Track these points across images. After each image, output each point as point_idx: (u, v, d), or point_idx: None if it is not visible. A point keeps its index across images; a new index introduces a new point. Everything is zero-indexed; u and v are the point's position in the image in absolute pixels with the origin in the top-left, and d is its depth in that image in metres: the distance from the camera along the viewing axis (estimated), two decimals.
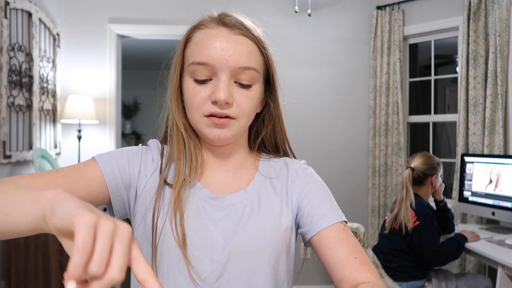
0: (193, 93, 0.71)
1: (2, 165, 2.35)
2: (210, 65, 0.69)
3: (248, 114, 0.73)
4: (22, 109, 2.55)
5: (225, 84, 0.68)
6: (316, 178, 0.81)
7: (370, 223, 3.28)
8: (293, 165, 0.82)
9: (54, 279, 2.32)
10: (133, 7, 3.24)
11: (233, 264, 0.70)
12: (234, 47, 0.69)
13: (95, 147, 3.21)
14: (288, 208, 0.76)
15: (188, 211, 0.72)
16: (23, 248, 2.31)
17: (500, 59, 2.56)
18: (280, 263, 0.74)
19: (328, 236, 0.71)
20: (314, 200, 0.76)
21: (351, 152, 3.39)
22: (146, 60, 5.94)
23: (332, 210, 0.74)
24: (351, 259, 0.69)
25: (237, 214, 0.73)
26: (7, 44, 2.35)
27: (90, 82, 3.20)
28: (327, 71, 3.38)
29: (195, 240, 0.70)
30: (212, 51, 0.68)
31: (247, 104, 0.71)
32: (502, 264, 1.92)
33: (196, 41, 0.71)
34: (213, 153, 0.79)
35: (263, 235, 0.72)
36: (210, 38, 0.70)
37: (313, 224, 0.73)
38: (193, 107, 0.71)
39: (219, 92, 0.68)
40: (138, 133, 6.92)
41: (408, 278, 2.11)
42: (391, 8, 3.25)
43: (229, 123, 0.71)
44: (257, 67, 0.72)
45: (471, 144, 2.74)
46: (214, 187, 0.76)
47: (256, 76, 0.72)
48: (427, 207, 2.13)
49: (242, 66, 0.69)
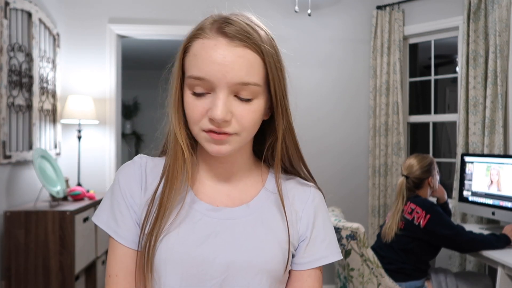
0: (191, 106, 0.67)
1: (2, 165, 2.35)
2: (207, 80, 0.65)
3: (250, 128, 0.69)
4: (22, 109, 2.55)
5: (223, 102, 0.64)
6: (324, 208, 0.79)
7: (370, 223, 3.28)
8: (304, 189, 0.79)
9: (54, 279, 2.32)
10: (133, 7, 3.24)
11: (231, 281, 0.68)
12: (232, 62, 0.64)
13: (95, 147, 3.21)
14: (292, 231, 0.74)
15: (186, 225, 0.70)
16: (23, 248, 2.31)
17: (500, 59, 2.56)
18: (278, 286, 0.72)
19: (306, 279, 0.74)
20: (317, 235, 0.76)
21: (351, 152, 3.39)
22: (146, 60, 5.94)
23: (328, 250, 0.76)
24: None
25: (237, 229, 0.71)
26: (7, 44, 2.35)
27: (90, 82, 3.20)
28: (327, 71, 3.38)
29: (194, 255, 0.68)
30: (209, 66, 0.64)
31: (248, 119, 0.67)
32: (502, 264, 1.92)
33: (193, 53, 0.67)
34: (215, 165, 0.76)
35: (264, 253, 0.70)
36: (208, 50, 0.65)
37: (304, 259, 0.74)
38: (191, 121, 0.68)
39: (216, 111, 0.64)
40: (138, 133, 6.92)
41: (407, 279, 2.11)
42: (391, 8, 3.25)
43: (229, 138, 0.67)
44: (259, 81, 0.67)
45: (471, 144, 2.74)
46: (215, 200, 0.74)
47: (259, 91, 0.67)
48: (429, 200, 2.13)
49: (241, 82, 0.65)
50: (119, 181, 0.74)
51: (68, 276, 2.33)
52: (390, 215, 2.19)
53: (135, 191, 0.74)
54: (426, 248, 2.11)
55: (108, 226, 0.72)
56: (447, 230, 2.01)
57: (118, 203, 0.73)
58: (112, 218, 0.73)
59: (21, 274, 2.31)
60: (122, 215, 0.72)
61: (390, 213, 2.21)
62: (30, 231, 2.32)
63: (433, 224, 2.01)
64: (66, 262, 2.34)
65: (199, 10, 0.76)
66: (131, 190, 0.73)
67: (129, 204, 0.73)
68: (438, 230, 2.01)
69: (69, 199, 2.70)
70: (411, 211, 2.10)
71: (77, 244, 2.39)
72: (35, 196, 2.64)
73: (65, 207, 2.41)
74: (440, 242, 2.08)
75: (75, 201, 2.66)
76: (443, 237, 2.02)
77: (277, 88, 0.69)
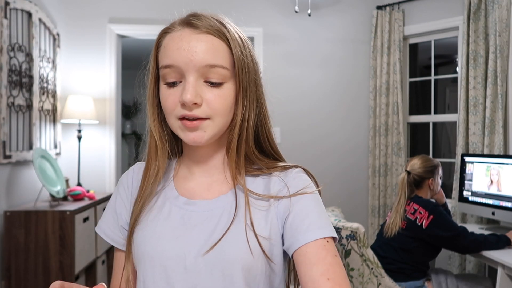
0: (165, 97, 0.70)
1: (2, 165, 2.35)
2: (175, 66, 0.68)
3: (222, 113, 0.70)
4: (22, 109, 2.55)
5: (192, 85, 0.67)
6: (309, 186, 0.74)
7: (370, 223, 3.28)
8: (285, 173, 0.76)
9: (54, 279, 2.32)
10: (133, 7, 3.24)
11: (206, 275, 0.67)
12: (198, 46, 0.67)
13: (95, 147, 3.21)
14: (273, 218, 0.71)
15: (162, 219, 0.73)
16: (23, 248, 2.31)
17: (500, 59, 2.56)
18: (257, 279, 0.69)
19: (305, 252, 0.66)
20: (302, 211, 0.70)
21: (351, 152, 3.39)
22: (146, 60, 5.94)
23: (317, 224, 0.68)
24: (322, 280, 0.63)
25: (213, 221, 0.71)
26: (7, 44, 2.35)
27: (90, 82, 3.20)
28: (327, 71, 3.38)
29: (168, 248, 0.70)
30: (176, 53, 0.68)
31: (219, 103, 0.69)
32: (502, 264, 1.92)
33: (163, 46, 0.71)
34: (195, 158, 0.78)
35: (236, 245, 0.68)
36: (175, 40, 0.69)
37: (295, 239, 0.68)
38: (167, 111, 0.71)
39: (186, 94, 0.66)
40: (138, 133, 6.91)
41: (407, 279, 2.11)
42: (391, 8, 3.25)
43: (202, 125, 0.69)
44: (226, 64, 0.69)
45: (471, 144, 2.74)
46: (194, 193, 0.75)
47: (227, 74, 0.69)
48: (431, 201, 2.13)
49: (208, 64, 0.67)
50: (118, 190, 0.82)
51: (68, 276, 2.33)
52: (393, 211, 2.19)
53: (124, 198, 0.81)
54: (426, 249, 2.11)
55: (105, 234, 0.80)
56: (449, 231, 2.01)
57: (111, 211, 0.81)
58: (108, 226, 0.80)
59: (21, 274, 2.31)
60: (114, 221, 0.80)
61: (392, 210, 2.21)
62: (30, 231, 2.32)
63: (435, 225, 2.01)
64: (66, 262, 2.34)
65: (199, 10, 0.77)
66: (122, 197, 0.81)
67: (119, 212, 0.80)
68: (440, 231, 2.01)
69: (69, 199, 2.70)
70: (414, 211, 2.09)
71: (77, 244, 2.39)
72: (35, 196, 2.64)
73: (65, 207, 2.41)
74: (441, 243, 2.08)
75: (75, 201, 2.66)
76: (445, 239, 2.02)
77: (241, 73, 0.71)
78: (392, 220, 2.16)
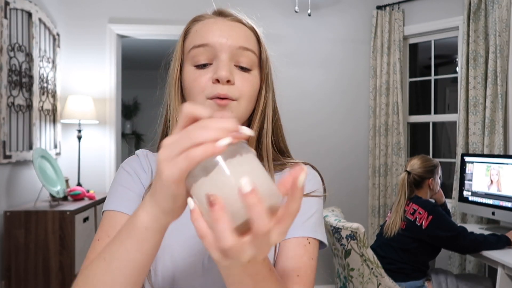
0: (194, 77, 0.70)
1: (2, 165, 2.35)
2: (210, 46, 0.70)
3: (248, 98, 0.72)
4: (22, 109, 2.55)
5: (226, 63, 0.69)
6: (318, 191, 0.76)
7: (370, 223, 3.28)
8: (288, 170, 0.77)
9: (54, 279, 2.32)
10: (133, 7, 3.24)
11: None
12: (231, 30, 0.71)
13: (95, 147, 3.21)
14: None
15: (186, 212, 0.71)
16: (23, 248, 2.31)
17: (500, 59, 2.56)
18: None
19: (286, 246, 0.68)
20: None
21: (351, 152, 3.39)
22: (146, 60, 5.94)
23: (306, 224, 0.70)
24: (292, 275, 0.65)
25: None
26: (7, 44, 2.35)
27: (90, 82, 3.20)
28: (327, 71, 3.38)
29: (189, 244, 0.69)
30: (211, 34, 0.70)
31: (247, 87, 0.71)
32: (502, 264, 1.92)
33: (195, 30, 0.73)
34: None
35: None
36: (208, 24, 0.72)
37: None
38: (195, 91, 0.70)
39: (221, 71, 0.68)
40: (138, 133, 6.91)
41: (407, 279, 2.11)
42: (391, 8, 3.25)
43: (231, 104, 0.69)
44: (255, 50, 0.73)
45: (471, 144, 2.74)
46: None
47: (255, 61, 0.73)
48: (430, 201, 2.13)
49: (241, 46, 0.70)
50: (124, 168, 0.77)
51: (68, 276, 2.33)
52: (393, 211, 2.19)
53: (141, 173, 0.76)
54: (426, 249, 2.11)
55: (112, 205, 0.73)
56: (449, 231, 2.01)
57: (122, 184, 0.74)
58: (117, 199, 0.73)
59: (21, 274, 2.31)
60: (128, 189, 0.73)
61: (392, 210, 2.21)
62: (30, 231, 2.32)
63: (435, 226, 2.02)
64: (66, 262, 2.34)
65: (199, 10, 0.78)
66: (137, 172, 0.76)
67: (135, 181, 0.74)
68: (440, 231, 2.02)
69: (69, 199, 2.70)
70: (414, 211, 2.10)
71: (77, 244, 2.39)
72: (35, 196, 2.64)
73: (65, 207, 2.41)
74: (441, 244, 2.08)
75: (75, 201, 2.66)
76: (445, 239, 2.02)
77: (266, 66, 0.75)
78: (392, 220, 2.16)
